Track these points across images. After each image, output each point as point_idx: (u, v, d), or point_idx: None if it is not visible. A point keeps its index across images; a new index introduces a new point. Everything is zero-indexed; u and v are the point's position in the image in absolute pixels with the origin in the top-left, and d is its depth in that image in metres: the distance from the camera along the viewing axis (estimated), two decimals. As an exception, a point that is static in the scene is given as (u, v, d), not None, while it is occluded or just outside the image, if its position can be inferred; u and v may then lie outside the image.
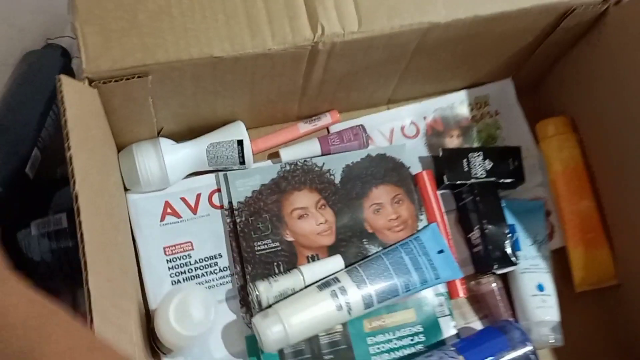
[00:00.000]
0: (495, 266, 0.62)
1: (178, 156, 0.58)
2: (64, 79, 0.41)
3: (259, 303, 0.56)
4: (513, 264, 0.62)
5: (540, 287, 0.63)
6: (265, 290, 0.57)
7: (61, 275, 0.55)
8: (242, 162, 0.60)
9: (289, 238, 0.61)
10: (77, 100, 0.42)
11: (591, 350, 0.65)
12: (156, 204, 0.60)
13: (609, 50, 0.60)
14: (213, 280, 0.59)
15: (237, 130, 0.60)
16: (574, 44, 0.64)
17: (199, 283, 0.59)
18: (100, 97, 0.48)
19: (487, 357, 0.57)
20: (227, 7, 0.49)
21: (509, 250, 0.63)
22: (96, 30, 0.46)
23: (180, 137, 0.60)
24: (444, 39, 0.57)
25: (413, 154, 0.67)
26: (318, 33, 0.51)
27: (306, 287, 0.58)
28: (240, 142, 0.59)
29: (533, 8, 0.55)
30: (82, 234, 0.37)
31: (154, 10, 0.48)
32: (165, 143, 0.58)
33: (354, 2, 0.52)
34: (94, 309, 0.36)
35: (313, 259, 0.61)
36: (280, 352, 0.58)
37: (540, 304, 0.62)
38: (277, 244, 0.60)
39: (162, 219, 0.59)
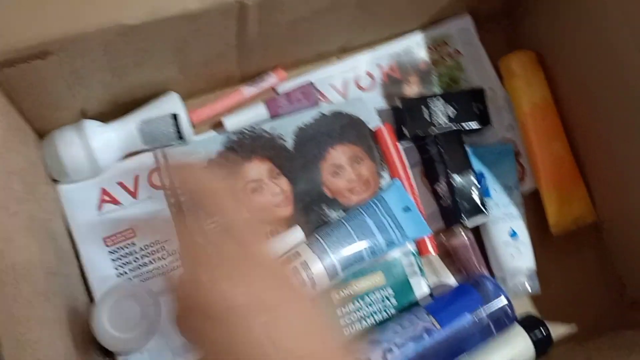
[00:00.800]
0: (465, 218, 0.59)
1: (107, 139, 0.53)
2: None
3: (215, 287, 0.53)
4: (483, 213, 0.59)
5: (513, 234, 0.61)
6: (220, 273, 0.53)
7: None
8: (181, 138, 0.55)
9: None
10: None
11: (572, 297, 0.62)
12: (91, 192, 0.54)
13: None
14: (164, 266, 0.55)
15: (171, 103, 0.54)
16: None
17: (148, 271, 0.54)
18: (-3, 87, 0.41)
19: (459, 315, 0.54)
20: (133, -36, 0.42)
21: (477, 200, 0.59)
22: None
23: (110, 116, 0.54)
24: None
25: (370, 108, 0.62)
26: (242, -15, 0.44)
27: (265, 264, 0.54)
28: (175, 116, 0.53)
29: None
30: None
31: (45, -23, 0.41)
32: (91, 125, 0.52)
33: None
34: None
35: (271, 233, 0.57)
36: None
37: (514, 251, 0.60)
38: (230, 220, 0.56)
39: (100, 208, 0.54)
